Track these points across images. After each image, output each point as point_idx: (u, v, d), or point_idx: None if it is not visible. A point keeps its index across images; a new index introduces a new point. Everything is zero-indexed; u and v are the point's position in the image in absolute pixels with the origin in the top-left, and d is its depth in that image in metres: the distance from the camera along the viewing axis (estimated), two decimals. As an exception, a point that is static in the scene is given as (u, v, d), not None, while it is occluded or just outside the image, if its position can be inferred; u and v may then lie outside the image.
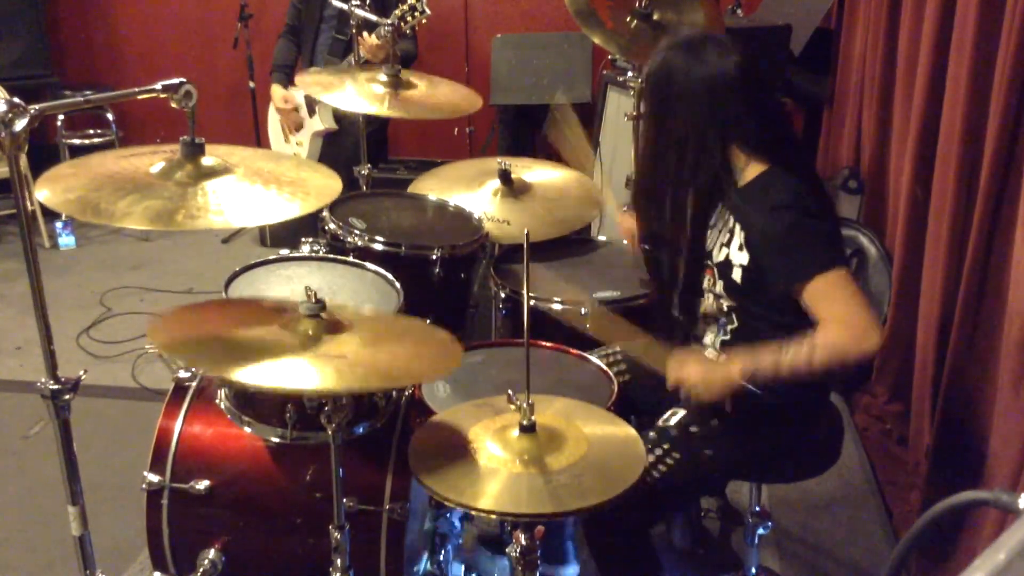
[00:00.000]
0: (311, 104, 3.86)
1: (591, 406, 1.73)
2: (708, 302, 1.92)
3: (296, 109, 3.94)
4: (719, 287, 1.86)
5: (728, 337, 1.89)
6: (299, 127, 3.97)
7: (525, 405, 1.53)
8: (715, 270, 1.86)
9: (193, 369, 1.98)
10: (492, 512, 1.43)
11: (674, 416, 1.88)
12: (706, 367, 1.79)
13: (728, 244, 1.82)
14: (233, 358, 1.44)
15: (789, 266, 1.72)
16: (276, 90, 3.98)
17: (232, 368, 1.42)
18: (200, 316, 1.62)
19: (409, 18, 3.02)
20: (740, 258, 1.80)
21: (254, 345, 1.49)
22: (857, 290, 1.70)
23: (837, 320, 1.67)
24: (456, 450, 1.54)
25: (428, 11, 3.04)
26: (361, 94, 2.54)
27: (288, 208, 1.51)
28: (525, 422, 1.53)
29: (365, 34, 3.28)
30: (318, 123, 3.86)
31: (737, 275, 1.81)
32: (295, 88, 3.94)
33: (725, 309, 1.88)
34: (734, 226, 1.81)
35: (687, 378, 1.79)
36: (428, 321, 2.23)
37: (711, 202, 1.86)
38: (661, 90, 1.82)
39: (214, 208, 1.46)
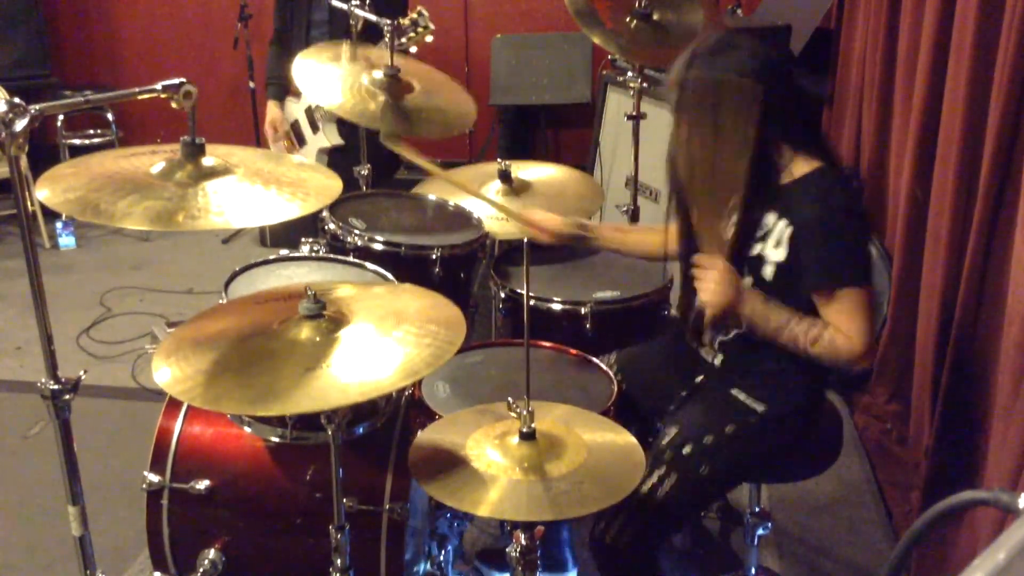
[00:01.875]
0: (314, 120, 3.74)
1: (591, 413, 1.73)
2: None
3: (299, 135, 3.80)
4: (746, 283, 1.83)
5: (730, 338, 1.89)
6: (300, 144, 3.82)
7: (525, 412, 1.53)
8: (745, 266, 1.84)
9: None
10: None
11: (667, 436, 1.87)
12: (729, 278, 1.77)
13: (764, 240, 1.79)
14: (246, 391, 1.42)
15: (828, 266, 1.73)
16: (270, 109, 3.82)
17: (248, 404, 1.42)
18: (200, 338, 1.56)
19: (412, 34, 2.82)
20: (776, 255, 1.78)
21: (265, 368, 1.46)
22: (872, 311, 1.74)
23: (848, 333, 1.71)
24: (456, 457, 1.54)
25: (432, 26, 2.84)
26: (352, 92, 2.45)
27: (288, 209, 1.51)
28: (525, 429, 1.53)
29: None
30: (323, 140, 3.72)
31: (768, 272, 1.79)
32: (293, 100, 3.83)
33: None
34: (775, 223, 1.78)
35: (710, 273, 1.77)
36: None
37: (759, 197, 1.83)
38: (714, 96, 1.76)
39: (215, 209, 1.45)
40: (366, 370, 1.45)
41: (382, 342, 1.52)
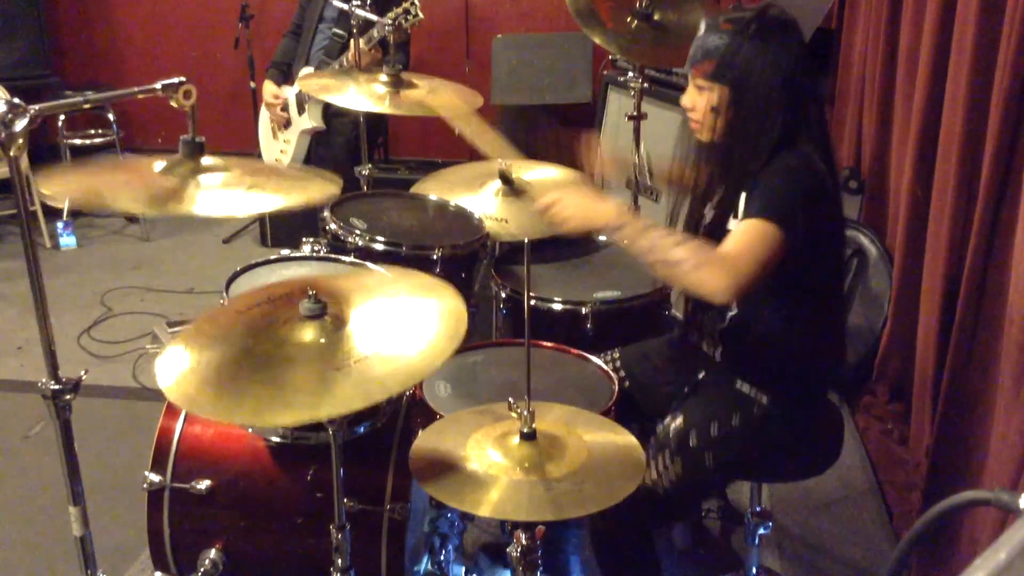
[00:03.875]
0: (301, 102, 3.85)
1: (592, 413, 1.73)
2: None
3: (285, 107, 3.94)
4: None
5: (726, 324, 1.89)
6: (286, 125, 3.96)
7: (526, 412, 1.53)
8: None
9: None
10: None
11: (672, 425, 1.88)
12: (584, 201, 1.76)
13: (736, 216, 1.80)
14: (253, 401, 1.38)
15: (754, 200, 1.69)
16: (268, 86, 3.98)
17: (257, 416, 1.41)
18: (201, 344, 1.52)
19: (403, 21, 2.95)
20: (734, 224, 1.78)
21: (270, 379, 1.42)
22: (767, 255, 1.62)
23: (726, 255, 1.62)
24: (457, 457, 1.54)
25: (421, 16, 2.98)
26: (362, 93, 2.54)
27: (283, 199, 1.50)
28: (526, 429, 1.53)
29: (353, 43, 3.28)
30: (306, 121, 3.85)
31: None
32: (288, 87, 3.94)
33: None
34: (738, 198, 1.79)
35: (561, 203, 1.77)
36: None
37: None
38: (737, 80, 1.75)
39: (209, 195, 1.44)
40: (376, 374, 1.43)
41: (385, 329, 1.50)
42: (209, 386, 1.41)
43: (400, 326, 1.51)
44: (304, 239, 2.34)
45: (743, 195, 1.78)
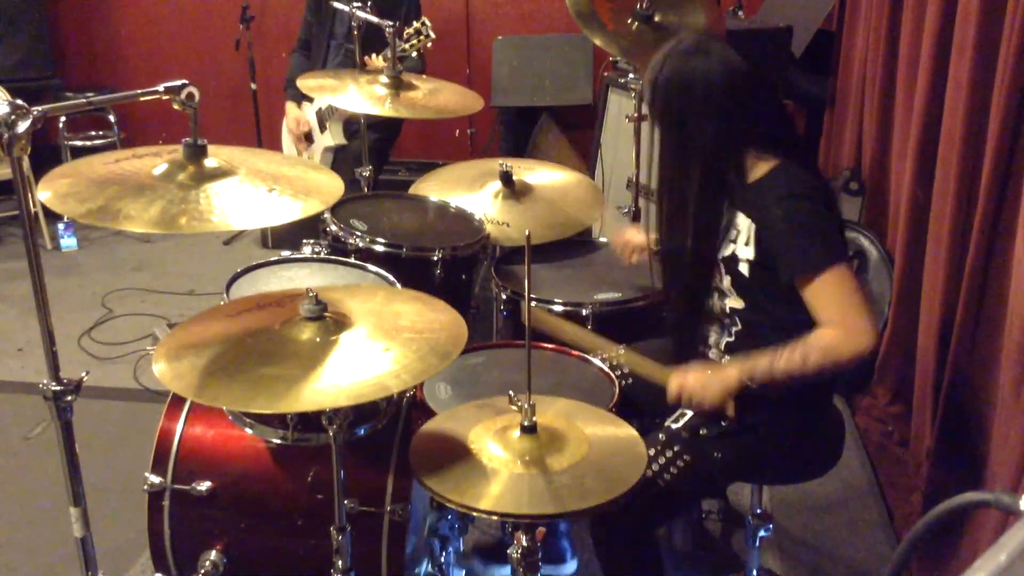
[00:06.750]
0: (322, 121, 3.84)
1: (592, 407, 1.73)
2: (712, 300, 1.93)
3: (307, 133, 3.93)
4: (726, 283, 1.87)
5: (732, 339, 1.90)
6: (309, 142, 3.95)
7: (526, 406, 1.53)
8: (721, 266, 1.87)
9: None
10: (493, 513, 1.43)
11: (682, 418, 1.88)
12: (703, 377, 1.81)
13: (735, 240, 1.83)
14: (246, 388, 1.42)
15: (798, 256, 1.73)
16: (290, 109, 3.95)
17: (248, 402, 1.42)
18: (199, 337, 1.56)
19: (415, 41, 3.08)
20: (746, 253, 1.81)
21: (265, 370, 1.46)
22: (857, 288, 1.72)
23: (835, 321, 1.70)
24: (457, 451, 1.54)
25: (433, 35, 3.08)
26: (362, 95, 2.55)
27: (290, 210, 1.51)
28: (526, 423, 1.53)
29: (373, 56, 3.34)
30: (329, 139, 3.84)
31: (744, 268, 1.82)
32: (306, 104, 3.92)
33: (728, 310, 1.88)
34: (743, 222, 1.82)
35: (686, 389, 1.81)
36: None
37: (724, 201, 1.87)
38: (681, 98, 1.80)
39: (216, 211, 1.45)
40: (365, 371, 1.45)
41: (385, 331, 1.51)
42: (210, 374, 1.43)
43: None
44: (305, 241, 2.35)
45: (744, 219, 1.81)
